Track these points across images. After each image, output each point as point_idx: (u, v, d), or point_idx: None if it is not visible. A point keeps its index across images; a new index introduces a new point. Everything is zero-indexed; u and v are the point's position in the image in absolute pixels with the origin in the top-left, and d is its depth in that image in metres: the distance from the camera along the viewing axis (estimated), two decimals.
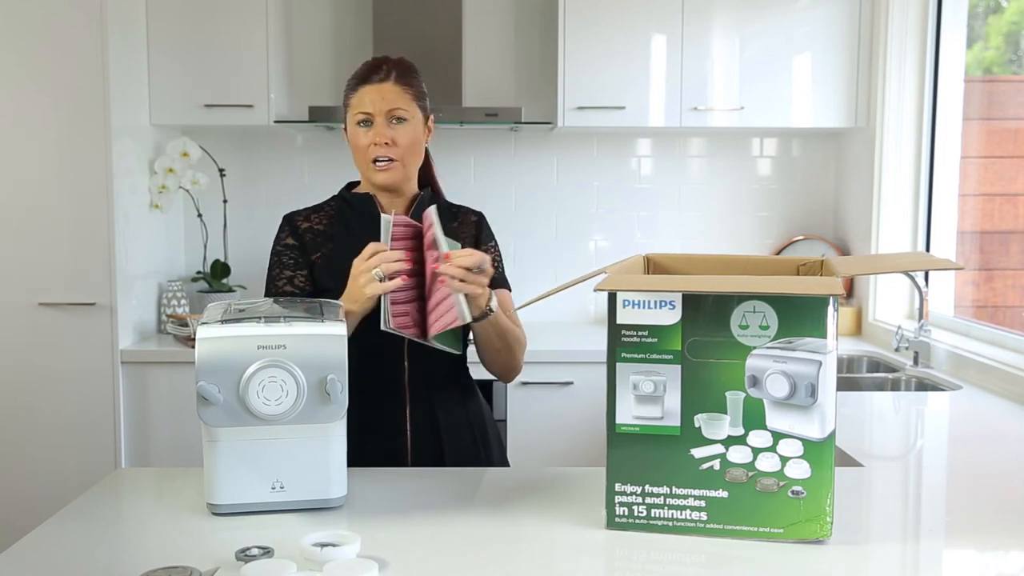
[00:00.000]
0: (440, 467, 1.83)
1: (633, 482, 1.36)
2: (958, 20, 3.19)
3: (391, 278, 1.61)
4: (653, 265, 1.69)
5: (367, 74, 1.85)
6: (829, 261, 1.65)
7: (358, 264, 1.65)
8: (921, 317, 3.00)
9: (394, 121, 1.82)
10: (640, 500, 1.36)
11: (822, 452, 1.31)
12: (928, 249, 3.29)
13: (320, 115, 3.36)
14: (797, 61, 3.41)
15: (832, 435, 1.31)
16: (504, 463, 2.00)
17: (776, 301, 1.30)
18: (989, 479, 1.73)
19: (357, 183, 1.98)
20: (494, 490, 1.58)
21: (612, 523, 1.37)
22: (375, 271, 1.61)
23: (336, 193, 2.00)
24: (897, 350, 3.02)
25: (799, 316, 1.30)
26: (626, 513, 1.37)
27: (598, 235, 3.81)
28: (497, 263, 1.94)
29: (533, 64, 3.69)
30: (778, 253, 3.76)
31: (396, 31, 3.44)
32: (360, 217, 1.90)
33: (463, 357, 1.92)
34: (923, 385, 2.81)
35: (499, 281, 1.91)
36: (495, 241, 2.00)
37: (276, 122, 3.42)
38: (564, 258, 3.77)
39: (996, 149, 3.34)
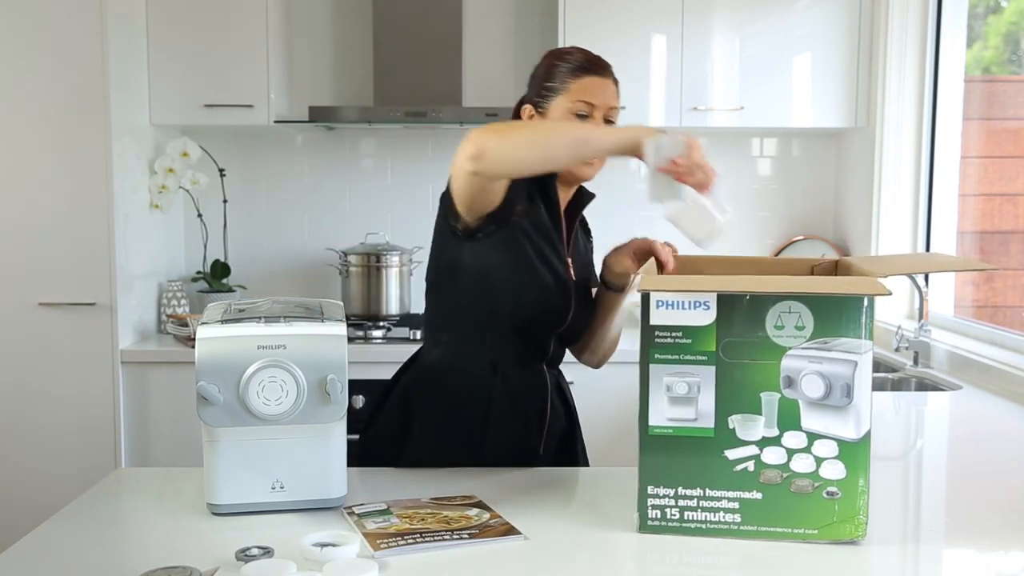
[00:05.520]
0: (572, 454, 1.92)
1: (666, 484, 1.34)
2: (958, 20, 3.18)
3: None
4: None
5: (592, 65, 1.81)
6: (846, 261, 1.64)
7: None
8: (921, 317, 3.00)
9: (608, 120, 1.80)
10: (673, 503, 1.34)
11: (857, 453, 1.31)
12: (928, 250, 3.28)
13: (320, 115, 3.36)
14: (797, 61, 3.41)
15: (868, 435, 1.31)
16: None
17: (812, 301, 1.29)
18: (989, 479, 1.73)
19: None
20: (505, 490, 1.57)
21: (644, 526, 1.36)
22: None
23: None
24: (897, 350, 3.02)
25: (835, 316, 1.29)
26: (659, 516, 1.35)
27: (598, 235, 3.80)
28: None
29: (533, 64, 3.68)
30: (778, 253, 3.76)
31: (396, 31, 3.44)
32: (539, 188, 1.82)
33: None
34: (923, 385, 2.81)
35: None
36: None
37: (276, 122, 3.42)
38: None
39: (996, 149, 3.34)
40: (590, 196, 1.96)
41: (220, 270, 3.61)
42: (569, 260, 1.86)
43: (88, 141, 3.09)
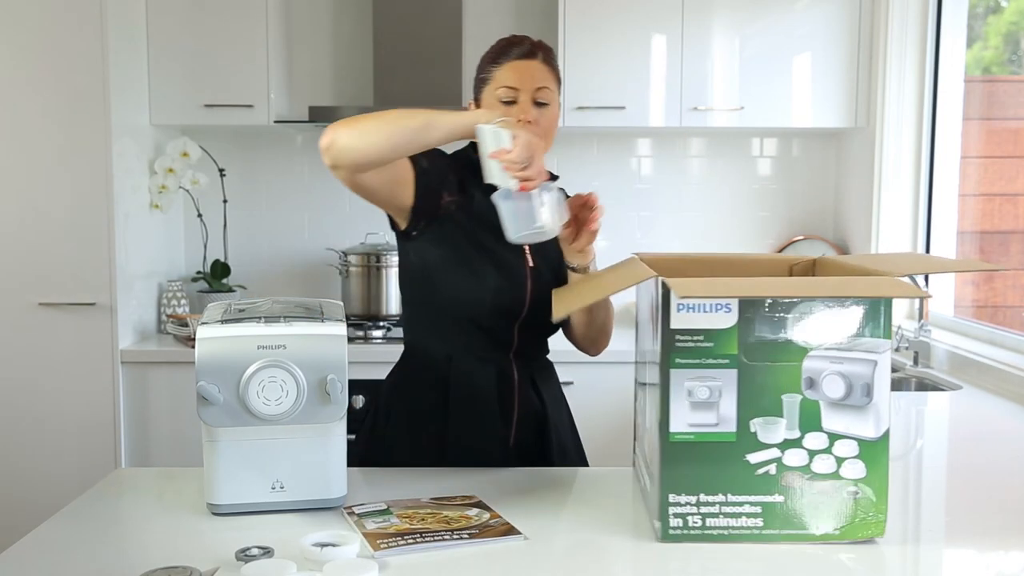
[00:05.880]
0: (544, 460, 1.82)
1: (688, 492, 1.32)
2: (958, 20, 3.18)
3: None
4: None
5: (512, 48, 1.78)
6: (825, 260, 1.63)
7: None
8: (921, 317, 3.00)
9: (538, 102, 1.76)
10: (695, 510, 1.32)
11: (877, 451, 1.31)
12: (928, 250, 3.28)
13: (320, 115, 3.35)
14: (797, 61, 3.41)
15: (887, 434, 1.31)
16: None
17: (837, 303, 1.29)
18: (989, 479, 1.73)
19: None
20: (505, 491, 1.56)
21: (666, 535, 1.33)
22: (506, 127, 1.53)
23: (460, 149, 1.86)
24: (897, 350, 3.02)
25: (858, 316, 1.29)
26: (680, 524, 1.32)
27: (601, 236, 3.79)
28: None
29: None
30: (778, 253, 3.76)
31: (396, 31, 3.44)
32: (480, 182, 1.77)
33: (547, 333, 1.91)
34: (923, 385, 2.81)
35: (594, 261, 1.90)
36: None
37: (276, 122, 3.42)
38: None
39: (996, 149, 3.34)
40: (552, 178, 1.90)
41: (220, 270, 3.61)
42: (526, 248, 1.81)
43: (88, 141, 3.08)
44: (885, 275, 1.41)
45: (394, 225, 1.80)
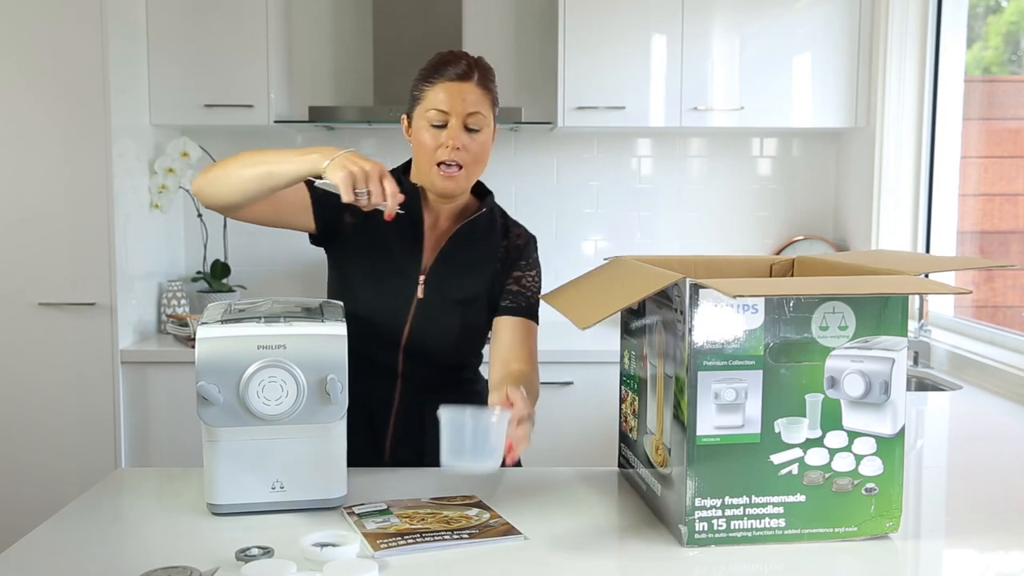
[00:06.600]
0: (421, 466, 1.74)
1: (713, 495, 1.31)
2: (958, 20, 3.19)
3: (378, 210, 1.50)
4: None
5: (447, 68, 1.72)
6: (804, 259, 1.62)
7: (365, 164, 1.49)
8: (921, 317, 3.00)
9: (469, 127, 1.70)
10: (720, 513, 1.31)
11: (894, 448, 1.33)
12: (928, 249, 3.28)
13: (320, 115, 3.35)
14: (797, 61, 3.41)
15: (903, 430, 1.33)
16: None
17: (855, 301, 1.30)
18: (989, 479, 1.73)
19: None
20: (505, 491, 1.57)
21: (692, 540, 1.32)
22: (366, 191, 1.47)
23: (392, 169, 1.83)
24: None
25: (877, 315, 1.30)
26: (706, 528, 1.32)
27: (598, 235, 3.81)
28: (530, 292, 1.83)
29: (533, 64, 3.69)
30: (778, 253, 3.76)
31: (396, 31, 3.44)
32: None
33: (475, 361, 1.88)
34: (923, 385, 2.81)
35: (530, 312, 1.81)
36: (536, 269, 1.87)
37: (276, 122, 3.42)
38: (564, 259, 3.77)
39: (996, 149, 3.34)
40: (477, 210, 1.83)
41: (220, 270, 3.61)
42: (422, 277, 1.75)
43: (88, 141, 3.09)
44: (872, 271, 1.41)
45: (312, 239, 1.81)
